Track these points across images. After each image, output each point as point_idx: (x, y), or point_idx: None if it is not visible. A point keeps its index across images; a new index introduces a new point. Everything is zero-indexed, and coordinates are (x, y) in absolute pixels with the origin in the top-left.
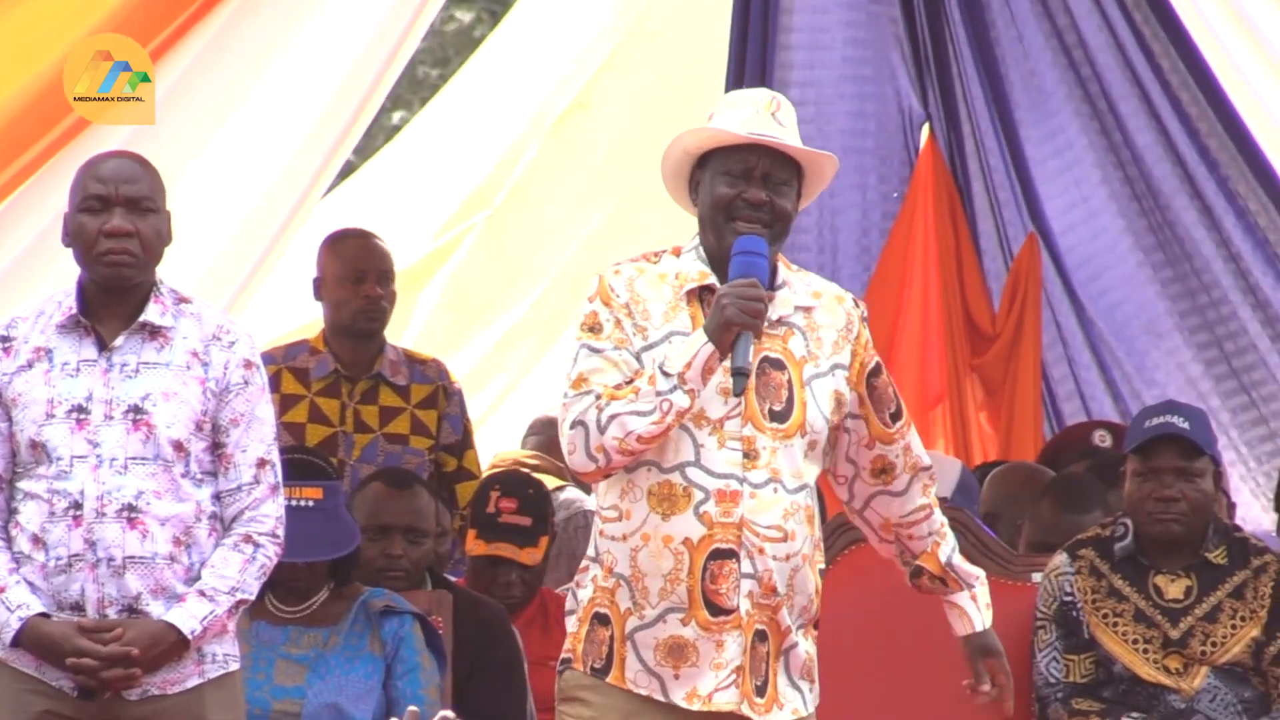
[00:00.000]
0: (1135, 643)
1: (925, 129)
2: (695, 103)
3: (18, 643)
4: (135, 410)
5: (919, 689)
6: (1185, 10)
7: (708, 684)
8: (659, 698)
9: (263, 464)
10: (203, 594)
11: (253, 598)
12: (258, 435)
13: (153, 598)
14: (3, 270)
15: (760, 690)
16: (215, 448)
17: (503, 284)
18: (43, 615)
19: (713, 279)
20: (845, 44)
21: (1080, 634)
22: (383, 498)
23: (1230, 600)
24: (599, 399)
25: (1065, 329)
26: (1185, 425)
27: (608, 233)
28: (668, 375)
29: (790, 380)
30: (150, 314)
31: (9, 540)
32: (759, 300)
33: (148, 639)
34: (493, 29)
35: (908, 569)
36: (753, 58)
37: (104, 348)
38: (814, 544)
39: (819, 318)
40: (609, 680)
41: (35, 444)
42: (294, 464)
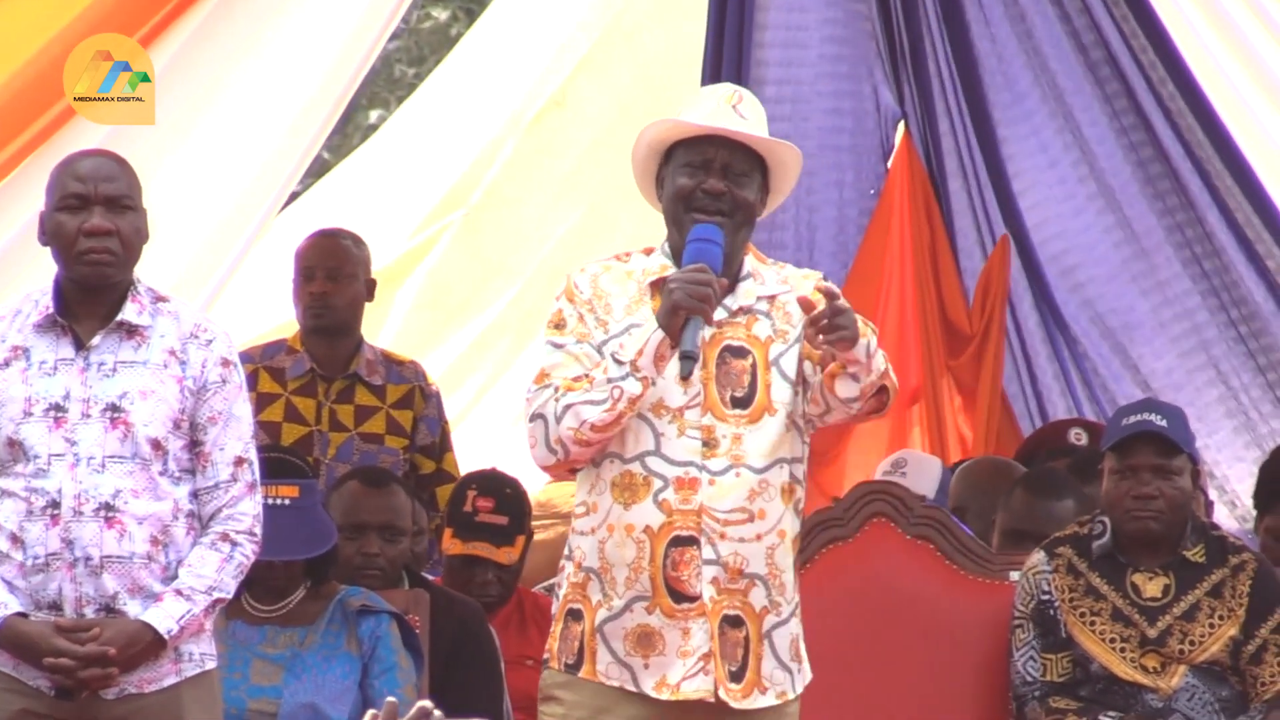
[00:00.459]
0: (1113, 641)
1: (901, 127)
2: (672, 101)
3: None
4: (113, 409)
5: (894, 689)
6: (1164, 9)
7: (676, 672)
8: (630, 688)
9: (240, 462)
10: (180, 593)
11: (230, 597)
12: (235, 434)
13: (130, 597)
14: None
15: (737, 675)
16: (193, 446)
17: (479, 282)
18: (20, 614)
19: (673, 270)
20: (822, 42)
21: (1058, 632)
22: (359, 496)
23: (1208, 599)
24: (556, 391)
25: (1043, 330)
26: (1163, 423)
27: (584, 231)
28: (620, 363)
29: (754, 365)
30: (128, 313)
31: None
32: (706, 285)
33: (125, 638)
34: (469, 27)
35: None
36: (729, 56)
37: (81, 347)
38: (797, 515)
39: (785, 299)
40: (582, 675)
41: (13, 442)
42: (270, 463)
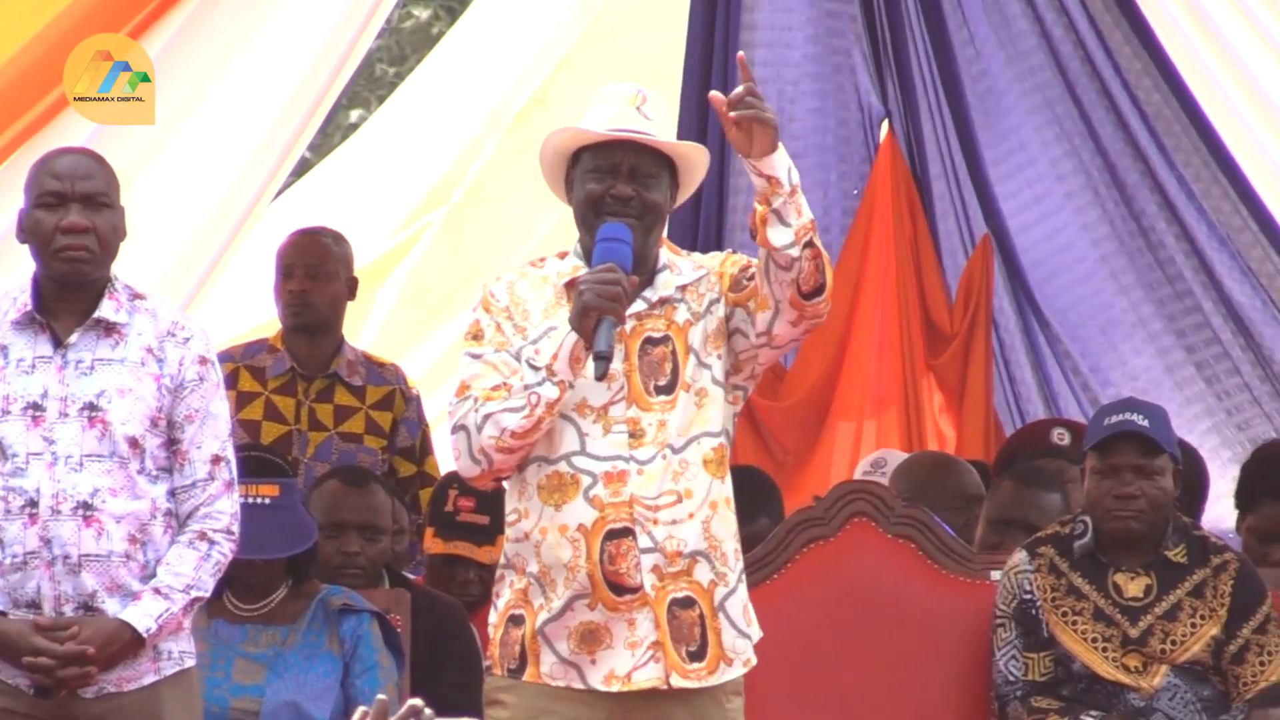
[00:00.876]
0: (1094, 641)
1: (885, 125)
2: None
3: None
4: (90, 407)
5: (875, 687)
6: (1148, 5)
7: (624, 664)
8: (578, 685)
9: (217, 460)
10: (158, 592)
11: (208, 595)
12: (212, 431)
13: (108, 595)
14: None
15: (698, 655)
16: (170, 444)
17: (461, 281)
18: None
19: (585, 271)
20: (806, 41)
21: (1039, 632)
22: (339, 495)
23: (1190, 599)
24: (476, 401)
25: (1024, 329)
26: (1145, 423)
27: (565, 230)
28: (536, 369)
29: (674, 351)
30: (105, 310)
31: None
32: (616, 284)
33: (103, 637)
34: (450, 26)
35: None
36: (717, 56)
37: (59, 344)
38: (728, 484)
39: (699, 284)
40: (525, 679)
41: None
42: (250, 461)
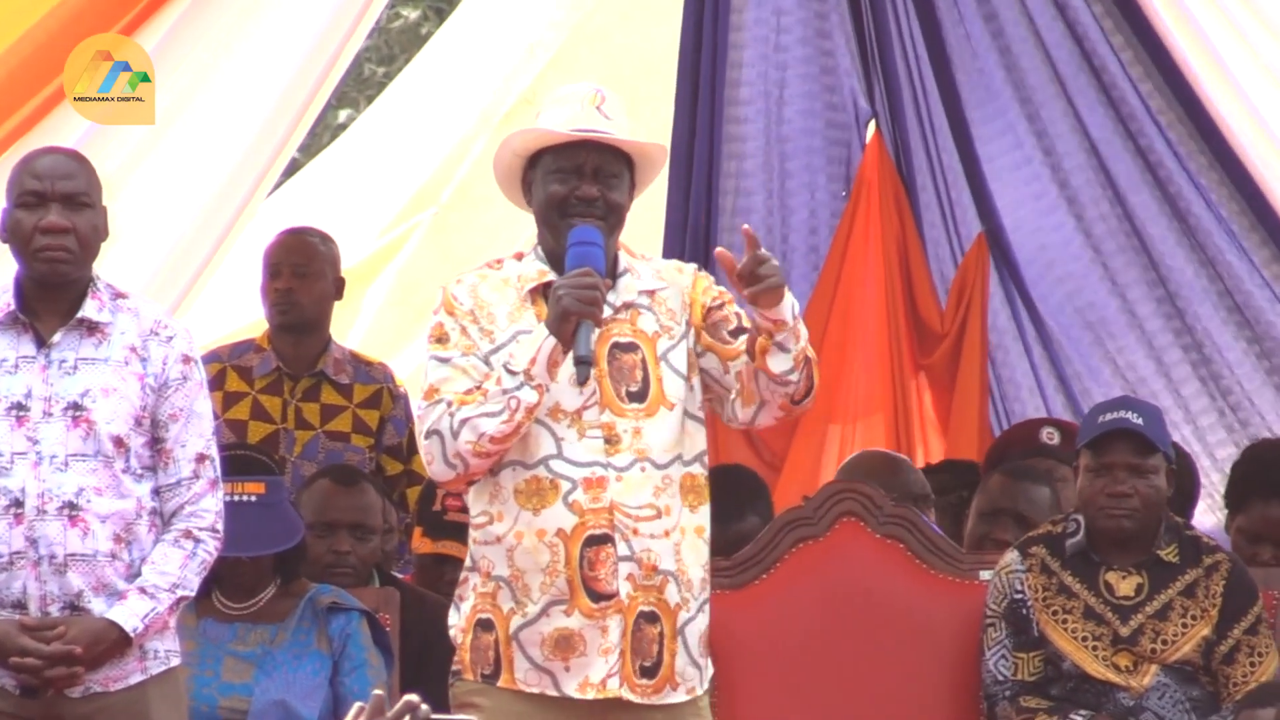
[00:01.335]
0: (1084, 640)
1: (871, 126)
2: (641, 99)
3: None
4: (75, 407)
5: (863, 687)
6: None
7: (599, 671)
8: (551, 693)
9: (202, 459)
10: (144, 591)
11: (193, 593)
12: (196, 430)
13: (94, 595)
14: None
15: (650, 672)
16: (154, 443)
17: (449, 281)
18: None
19: (551, 276)
20: (794, 43)
21: (1030, 632)
22: (330, 495)
23: (1181, 598)
24: (450, 406)
25: (1016, 328)
26: (1139, 421)
27: None
28: (513, 373)
29: (644, 359)
30: (88, 310)
31: None
32: (594, 288)
33: (90, 637)
34: (439, 27)
35: (749, 353)
36: (705, 56)
37: (42, 344)
38: (704, 513)
39: (665, 294)
40: (499, 684)
41: None
42: (235, 460)
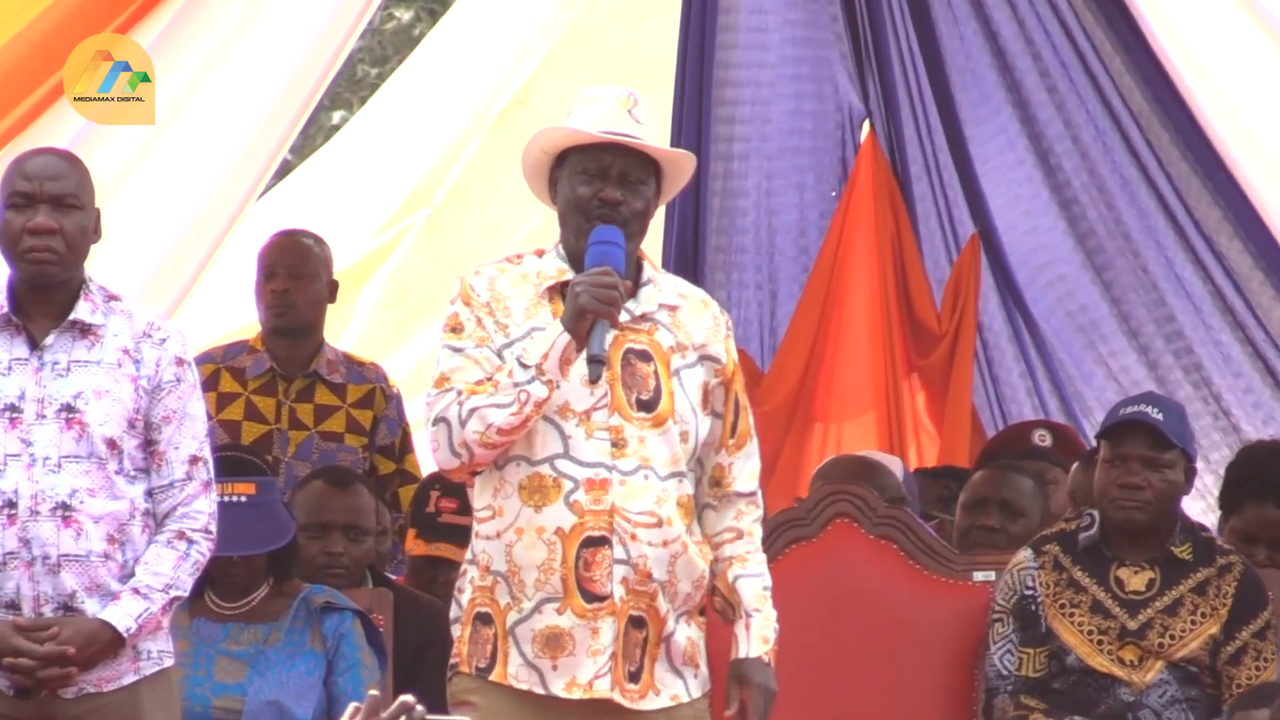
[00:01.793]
0: (1090, 634)
1: (866, 126)
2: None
3: None
4: (68, 409)
5: (857, 688)
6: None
7: (586, 672)
8: (539, 690)
9: (195, 461)
10: (137, 591)
11: (186, 594)
12: (190, 432)
13: (88, 595)
14: None
15: (634, 676)
16: (147, 445)
17: (442, 283)
18: None
19: (571, 275)
20: (783, 42)
21: (1037, 627)
22: (324, 496)
23: (1192, 595)
24: (460, 395)
25: (1009, 329)
26: (1158, 415)
27: (547, 230)
28: (525, 367)
29: (657, 371)
30: (80, 312)
31: None
32: (613, 287)
33: (83, 637)
34: (432, 27)
35: (710, 593)
36: (692, 56)
37: (35, 346)
38: (696, 532)
39: (684, 316)
40: (493, 678)
41: None
42: (227, 461)
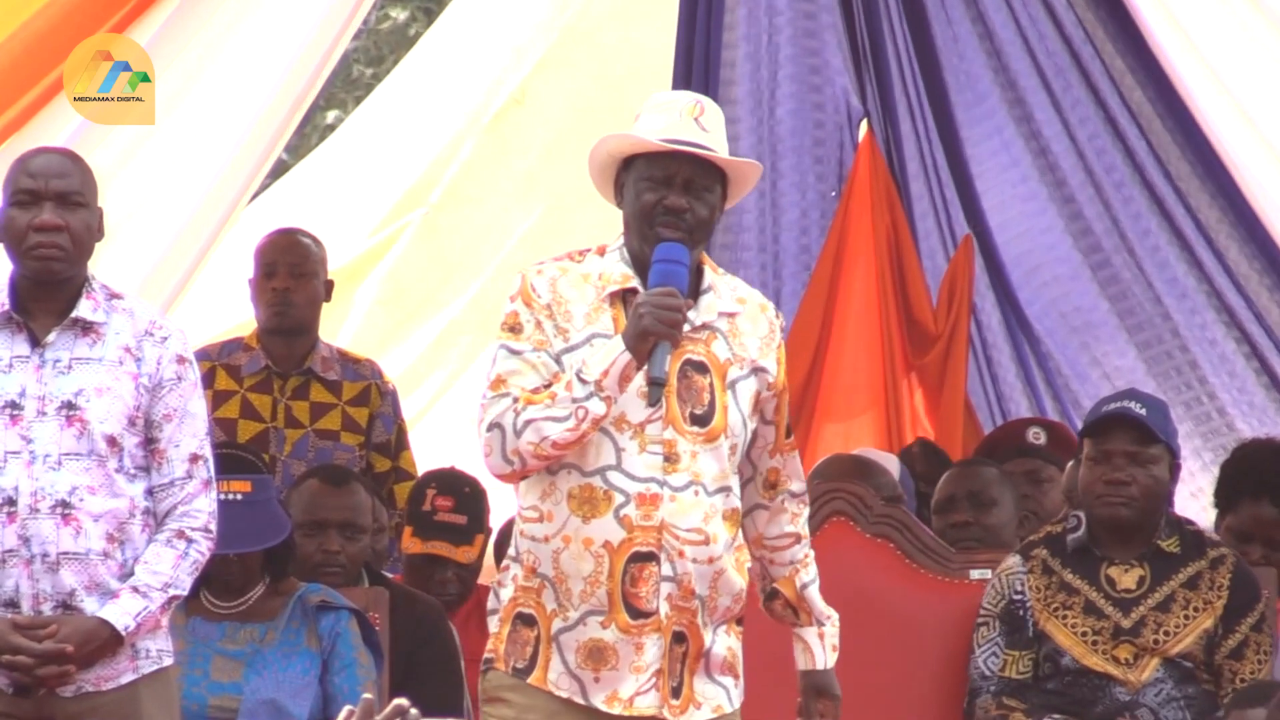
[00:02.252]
0: (1084, 635)
1: (864, 125)
2: (631, 100)
3: None
4: (68, 406)
5: (852, 687)
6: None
7: (628, 688)
8: (579, 700)
9: (195, 459)
10: (136, 590)
11: (186, 593)
12: (190, 430)
13: (87, 593)
14: None
15: (676, 692)
16: (148, 443)
17: (438, 281)
18: None
19: (635, 282)
20: (785, 42)
21: (1024, 631)
22: (319, 494)
23: (1184, 590)
24: (516, 402)
25: (1005, 329)
26: (1142, 411)
27: (544, 230)
28: (585, 382)
29: (712, 384)
30: (82, 310)
31: None
32: (677, 310)
33: (82, 635)
34: (427, 27)
35: (763, 592)
36: (698, 56)
37: (36, 344)
38: (735, 545)
39: (742, 323)
40: (531, 681)
41: None
42: (223, 459)
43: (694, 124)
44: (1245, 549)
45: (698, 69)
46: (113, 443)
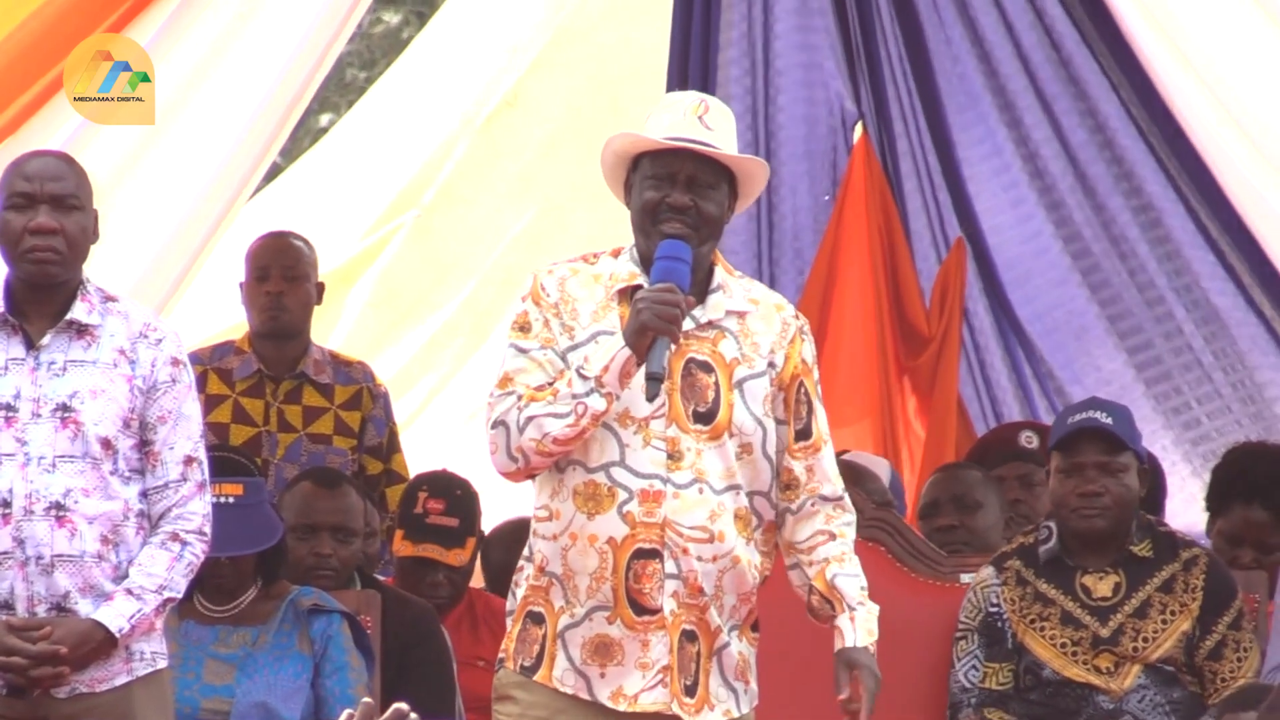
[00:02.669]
0: (1063, 646)
1: (858, 128)
2: (624, 101)
3: None
4: (63, 408)
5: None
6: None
7: (634, 684)
8: (585, 696)
9: (190, 461)
10: (130, 592)
11: (180, 595)
12: (185, 433)
13: (81, 596)
14: None
15: (690, 690)
16: (143, 445)
17: (431, 283)
18: None
19: (642, 279)
20: (780, 45)
21: (1004, 643)
22: (311, 497)
23: (1159, 595)
24: (520, 399)
25: (997, 333)
26: (1108, 420)
27: (537, 232)
28: (585, 378)
29: (717, 383)
30: (77, 312)
31: None
32: (675, 305)
33: (76, 637)
34: (420, 31)
35: (806, 598)
36: (694, 58)
37: (31, 346)
38: (753, 546)
39: (753, 324)
40: (537, 678)
41: None
42: (216, 461)
43: (698, 122)
44: (1237, 552)
45: (693, 70)
46: (107, 445)
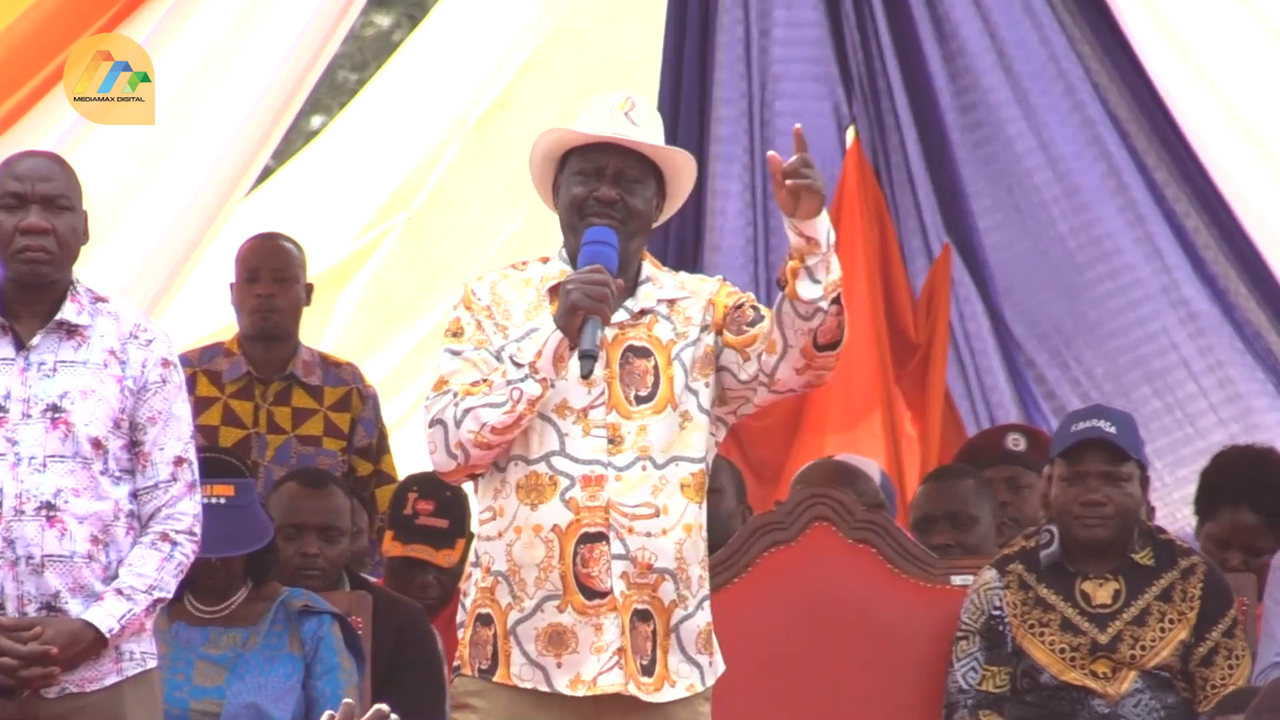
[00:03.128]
0: (1062, 651)
1: (851, 131)
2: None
3: None
4: (53, 409)
5: (834, 692)
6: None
7: (590, 669)
8: (544, 689)
9: (180, 462)
10: (120, 593)
11: (170, 596)
12: (175, 433)
13: (71, 596)
14: None
15: (647, 670)
16: (133, 446)
17: (422, 286)
18: None
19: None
20: (777, 46)
21: (1004, 646)
22: (298, 497)
23: (1158, 603)
24: (455, 396)
25: (993, 335)
26: (1112, 430)
27: (528, 234)
28: (519, 366)
29: (656, 366)
30: (67, 313)
31: None
32: (604, 285)
33: (66, 637)
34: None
35: (792, 319)
36: (689, 61)
37: (21, 346)
38: (700, 513)
39: (685, 304)
40: (496, 679)
41: None
42: (206, 463)
43: (624, 118)
44: (1225, 556)
45: (688, 73)
46: (97, 445)
